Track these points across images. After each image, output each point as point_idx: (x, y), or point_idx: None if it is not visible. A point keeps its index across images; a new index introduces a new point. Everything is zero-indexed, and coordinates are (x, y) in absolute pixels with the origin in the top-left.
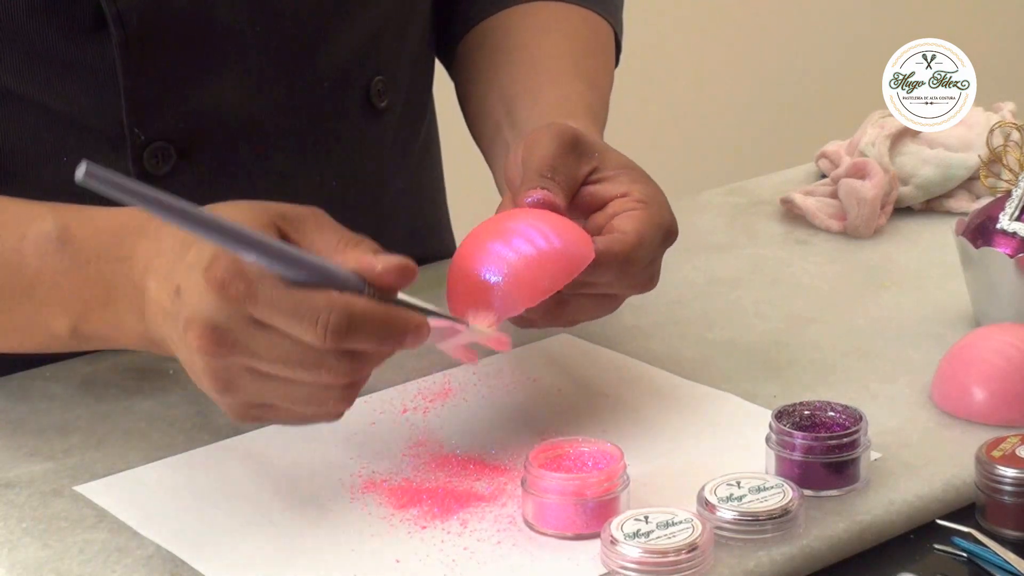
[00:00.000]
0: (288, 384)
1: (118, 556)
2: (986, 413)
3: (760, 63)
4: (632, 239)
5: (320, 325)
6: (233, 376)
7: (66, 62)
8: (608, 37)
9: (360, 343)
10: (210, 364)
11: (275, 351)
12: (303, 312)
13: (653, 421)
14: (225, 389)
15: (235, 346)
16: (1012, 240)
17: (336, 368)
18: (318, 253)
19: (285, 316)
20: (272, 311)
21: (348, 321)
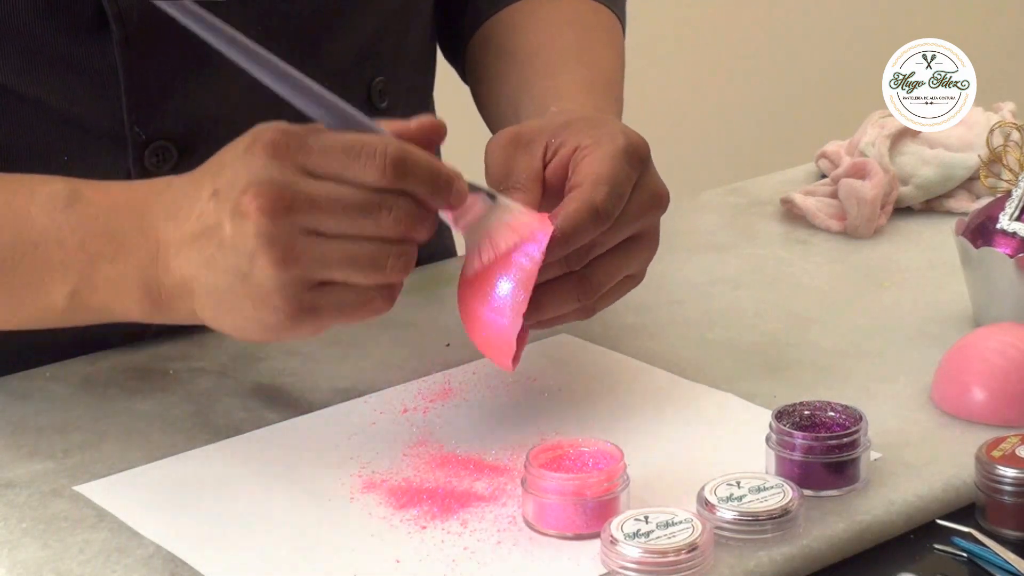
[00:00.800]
0: (348, 244)
1: (118, 556)
2: (986, 413)
3: (760, 63)
4: (586, 189)
5: (379, 156)
6: (293, 240)
7: (67, 60)
8: (613, 24)
9: (415, 181)
10: (269, 231)
11: (336, 197)
12: (359, 149)
13: (653, 421)
14: (284, 259)
15: (295, 199)
16: (1012, 240)
17: (396, 210)
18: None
19: (341, 157)
20: (328, 156)
21: (404, 154)
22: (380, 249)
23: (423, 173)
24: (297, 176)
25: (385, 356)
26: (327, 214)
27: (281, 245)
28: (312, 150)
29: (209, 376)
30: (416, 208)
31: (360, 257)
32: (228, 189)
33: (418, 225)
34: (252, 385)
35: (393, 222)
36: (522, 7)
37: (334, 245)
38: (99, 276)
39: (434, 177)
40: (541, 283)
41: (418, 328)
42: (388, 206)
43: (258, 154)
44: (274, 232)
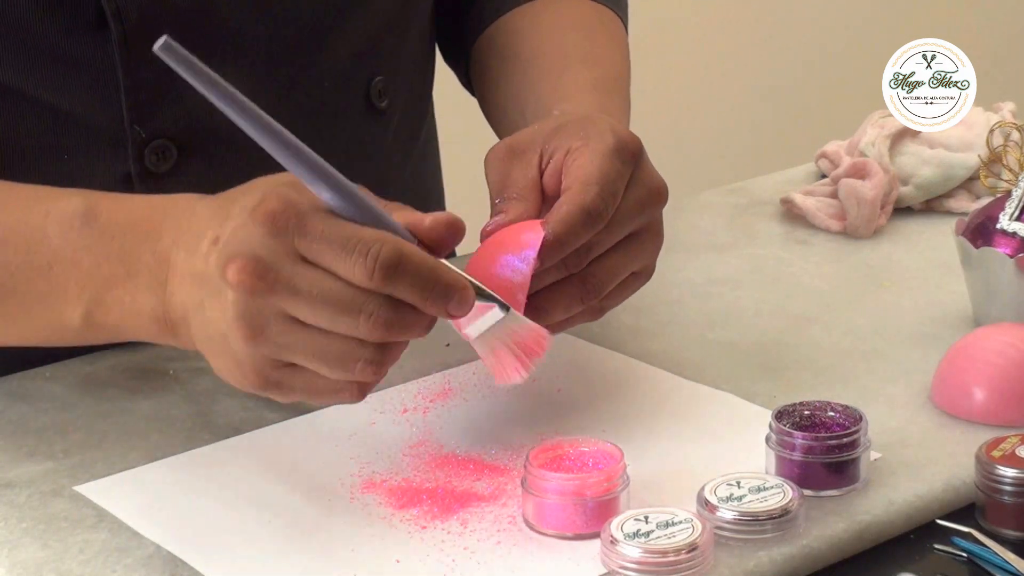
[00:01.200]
0: (321, 337)
1: (118, 556)
2: (986, 413)
3: (760, 63)
4: (576, 192)
5: (371, 257)
6: (266, 320)
7: (67, 59)
8: (616, 24)
9: (406, 288)
10: (246, 304)
11: (317, 289)
12: (353, 244)
13: (653, 421)
14: (254, 336)
15: (276, 282)
16: (1012, 240)
17: (376, 315)
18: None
19: (334, 248)
20: (322, 243)
21: (398, 258)
22: (351, 349)
23: (416, 280)
24: (286, 259)
25: None
26: (305, 304)
27: (252, 322)
28: (308, 234)
29: (209, 376)
30: (399, 314)
31: (329, 353)
32: (223, 248)
33: (401, 330)
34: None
35: (370, 326)
36: (525, 11)
37: (305, 335)
38: (112, 298)
39: (429, 285)
40: (543, 288)
41: None
42: (368, 310)
43: (257, 222)
44: (249, 308)
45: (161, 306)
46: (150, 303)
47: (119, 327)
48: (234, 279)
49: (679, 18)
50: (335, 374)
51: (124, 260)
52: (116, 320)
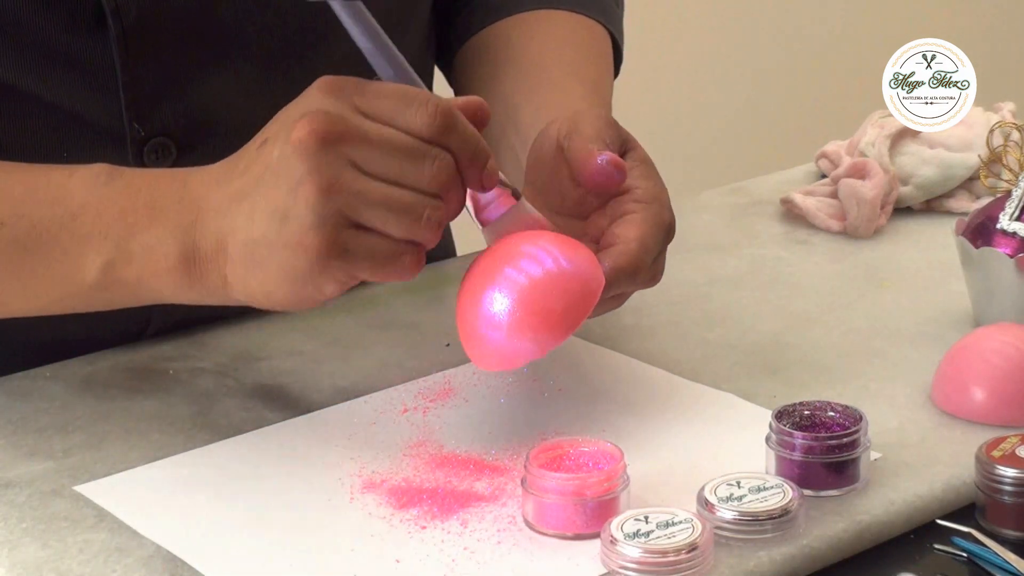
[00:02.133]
0: (389, 187)
1: (118, 556)
2: (986, 413)
3: (760, 63)
4: (635, 248)
5: (431, 106)
6: (339, 171)
7: (66, 56)
8: (607, 45)
9: (459, 140)
10: (318, 159)
11: (385, 138)
12: (412, 97)
13: (653, 421)
14: (329, 187)
15: (346, 129)
16: (1012, 240)
17: (439, 161)
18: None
19: (395, 102)
20: (382, 99)
21: (452, 112)
22: (418, 199)
23: (468, 134)
24: (351, 112)
25: (385, 356)
26: (375, 151)
27: (327, 172)
28: (368, 91)
29: (209, 376)
30: (455, 168)
31: (399, 202)
32: (280, 128)
33: (452, 188)
34: (252, 385)
35: (434, 174)
36: (518, 21)
37: (377, 185)
38: (135, 244)
39: (476, 142)
40: None
41: (418, 328)
42: (432, 156)
43: (313, 92)
44: (322, 159)
45: (191, 243)
46: (176, 244)
47: (138, 279)
48: (305, 131)
49: (679, 18)
50: (403, 226)
51: (150, 207)
52: (136, 270)
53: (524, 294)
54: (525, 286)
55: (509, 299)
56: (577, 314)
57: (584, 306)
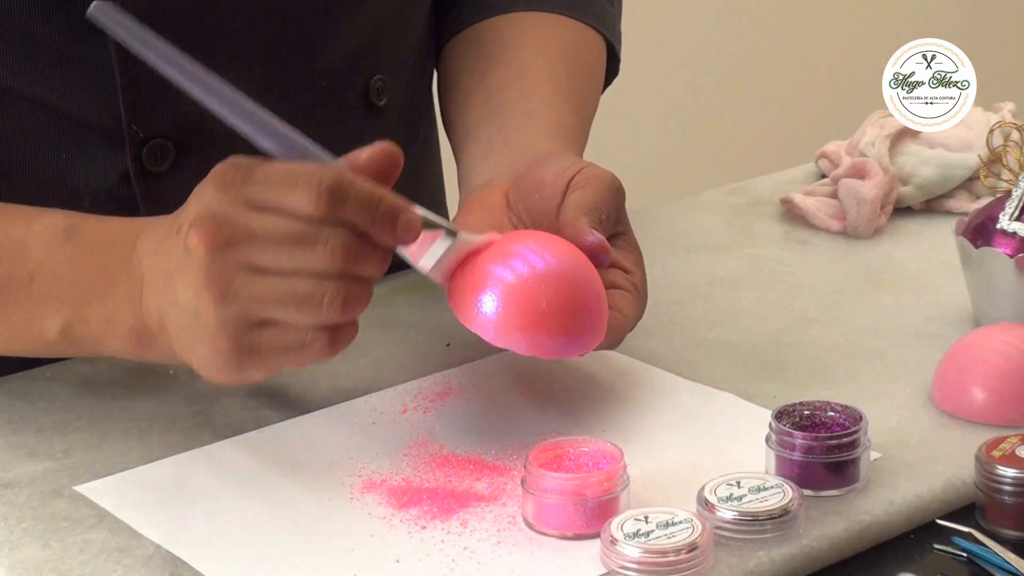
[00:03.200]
0: (283, 280)
1: (118, 556)
2: (986, 413)
3: (760, 63)
4: (627, 323)
5: (314, 186)
6: (232, 276)
7: (65, 58)
8: (600, 52)
9: (354, 211)
10: (209, 265)
11: (270, 231)
12: (296, 178)
13: (653, 421)
14: (223, 294)
15: (233, 232)
16: (1012, 240)
17: (331, 241)
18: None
19: (279, 186)
20: (267, 187)
21: (340, 182)
22: (315, 286)
23: (361, 202)
24: (238, 208)
25: (385, 356)
26: (264, 248)
27: (218, 281)
28: (254, 180)
29: None
30: (354, 241)
31: (294, 294)
32: (183, 223)
33: (360, 260)
34: (252, 385)
35: (328, 255)
36: (512, 21)
37: (270, 282)
38: (91, 312)
39: (374, 206)
40: None
41: (418, 328)
42: (323, 239)
43: (207, 186)
44: (214, 268)
45: (139, 319)
46: (127, 317)
47: (97, 341)
48: (194, 242)
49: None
50: (305, 317)
51: (103, 274)
52: (94, 334)
53: (511, 292)
54: (512, 284)
55: (496, 298)
56: (574, 313)
57: (579, 304)
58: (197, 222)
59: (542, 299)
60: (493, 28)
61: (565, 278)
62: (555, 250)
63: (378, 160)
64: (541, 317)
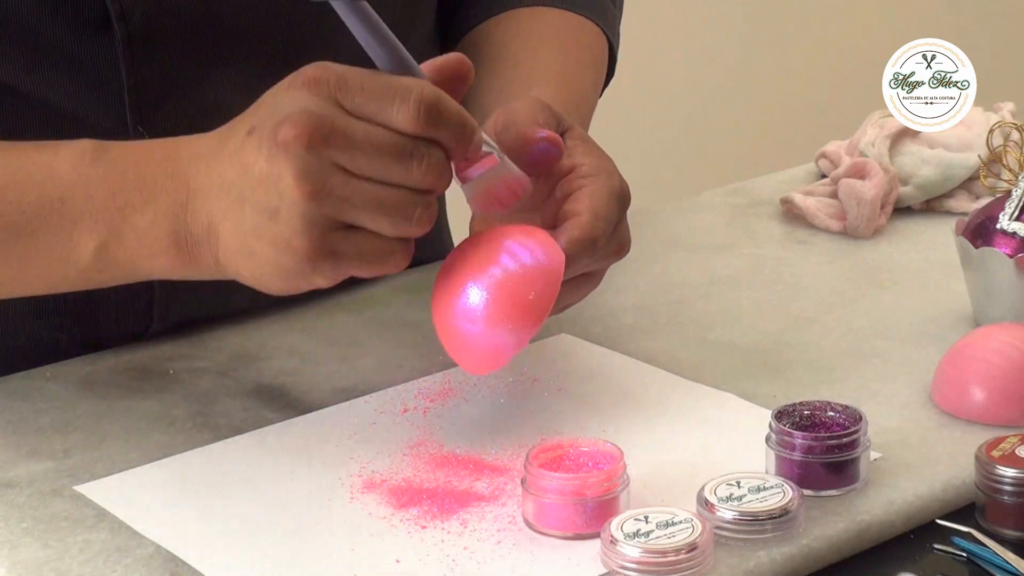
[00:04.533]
0: (377, 188)
1: (118, 556)
2: (986, 413)
3: (760, 63)
4: (587, 218)
5: (414, 100)
6: (325, 175)
7: (71, 58)
8: (600, 47)
9: (445, 128)
10: (304, 162)
11: (370, 138)
12: (395, 90)
13: (653, 421)
14: (317, 191)
15: (332, 133)
16: (1012, 240)
17: (426, 158)
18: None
19: (378, 97)
20: (365, 95)
21: (437, 100)
22: (408, 197)
23: (454, 121)
24: (336, 112)
25: (385, 356)
26: (361, 153)
27: (314, 178)
28: (350, 88)
29: (209, 376)
30: (444, 160)
31: (389, 202)
32: (265, 122)
33: (442, 177)
34: (252, 385)
35: (423, 172)
36: (506, 19)
37: (365, 187)
38: (128, 227)
39: (462, 125)
40: None
41: (418, 328)
42: (420, 155)
43: (298, 87)
44: (309, 163)
45: (183, 226)
46: (169, 226)
47: (132, 260)
48: (290, 135)
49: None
50: (394, 225)
51: (140, 187)
52: (130, 251)
53: (500, 287)
54: (501, 279)
55: (486, 292)
56: (546, 303)
57: (552, 294)
58: (292, 118)
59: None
60: (488, 29)
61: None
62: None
63: (451, 68)
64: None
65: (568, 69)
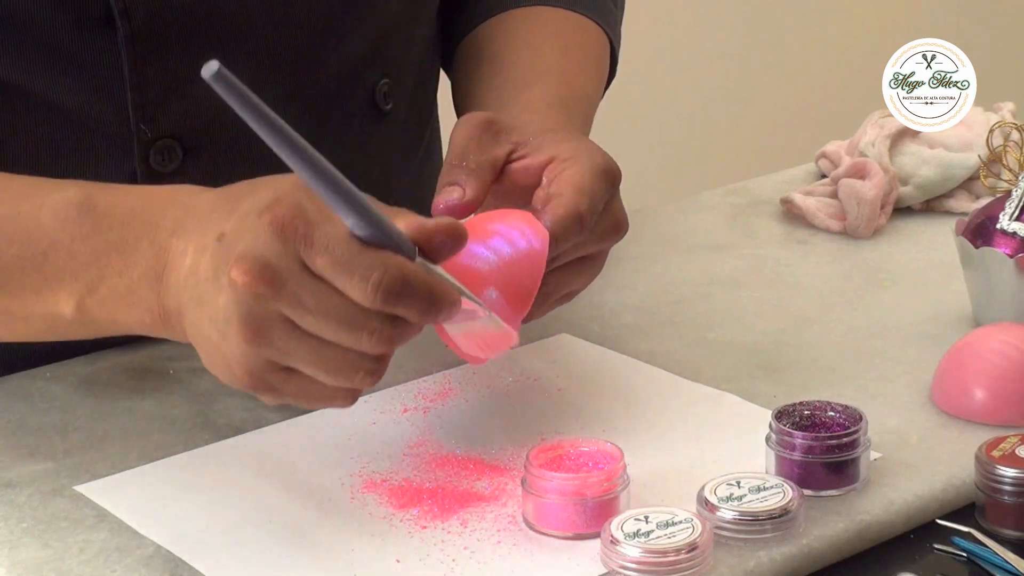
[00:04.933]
0: (322, 347)
1: (118, 556)
2: (986, 413)
3: (760, 63)
4: (570, 196)
5: (372, 283)
6: (268, 325)
7: (74, 57)
8: (601, 44)
9: (406, 309)
10: (249, 307)
11: (321, 303)
12: (357, 266)
13: (653, 421)
14: (255, 338)
15: (282, 289)
16: (1012, 240)
17: (378, 333)
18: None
19: (339, 267)
20: (327, 259)
21: (401, 283)
22: (354, 361)
23: (419, 297)
24: (292, 267)
25: None
26: (309, 315)
27: (254, 324)
28: (315, 247)
29: (209, 376)
30: (399, 330)
31: (330, 362)
32: (228, 246)
33: (399, 343)
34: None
35: (372, 342)
36: (505, 19)
37: (307, 342)
38: (106, 288)
39: (430, 304)
40: None
41: None
42: (371, 327)
43: (265, 226)
44: (252, 310)
45: (157, 298)
46: (146, 295)
47: (113, 319)
48: (240, 280)
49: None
50: (334, 382)
51: (121, 251)
52: (110, 312)
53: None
54: (495, 265)
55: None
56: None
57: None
58: (247, 262)
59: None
60: (489, 29)
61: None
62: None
63: (444, 231)
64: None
65: (569, 68)
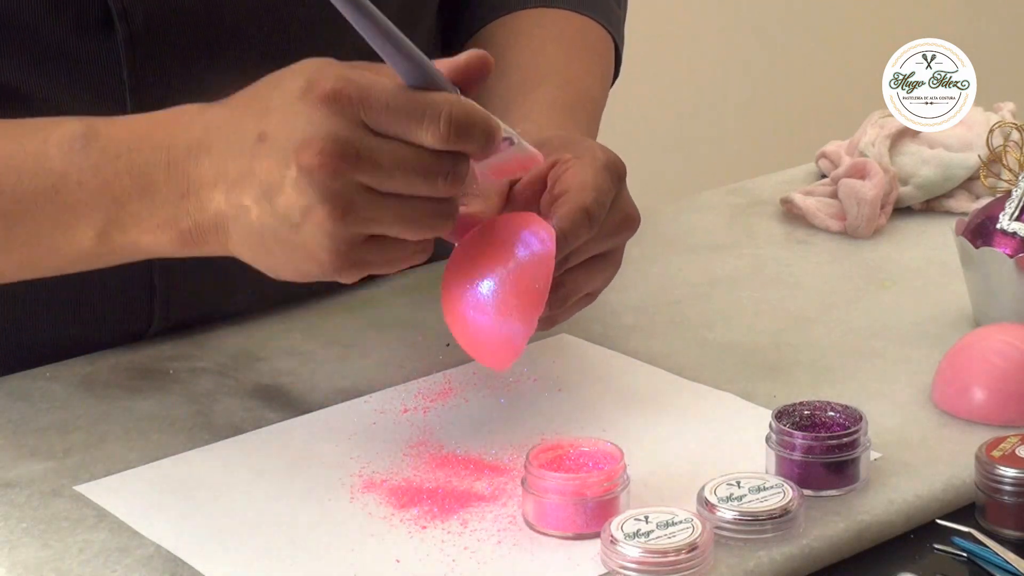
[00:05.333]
0: (403, 204)
1: (118, 556)
2: (986, 413)
3: (760, 63)
4: (576, 192)
5: (444, 120)
6: (352, 197)
7: (73, 59)
8: (605, 45)
9: (473, 141)
10: (328, 187)
11: (396, 159)
12: (423, 109)
13: (653, 421)
14: (344, 214)
15: (357, 158)
16: (1012, 240)
17: (452, 174)
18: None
19: (405, 116)
20: (391, 113)
21: (466, 115)
22: (434, 208)
23: (480, 135)
24: (359, 133)
25: (385, 356)
26: (388, 174)
27: (341, 201)
28: (375, 106)
29: (209, 376)
30: (464, 167)
31: (413, 215)
32: (283, 138)
33: (465, 182)
34: (252, 385)
35: (448, 185)
36: (509, 21)
37: (390, 204)
38: (126, 214)
39: (488, 135)
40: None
41: (418, 328)
42: (447, 171)
43: (317, 104)
44: (335, 189)
45: (187, 217)
46: (172, 216)
47: (135, 243)
48: (315, 162)
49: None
50: (420, 234)
51: (134, 175)
52: (132, 236)
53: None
54: (512, 267)
55: (496, 280)
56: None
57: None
58: (317, 142)
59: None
60: (492, 31)
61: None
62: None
63: (474, 66)
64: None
65: (573, 70)
